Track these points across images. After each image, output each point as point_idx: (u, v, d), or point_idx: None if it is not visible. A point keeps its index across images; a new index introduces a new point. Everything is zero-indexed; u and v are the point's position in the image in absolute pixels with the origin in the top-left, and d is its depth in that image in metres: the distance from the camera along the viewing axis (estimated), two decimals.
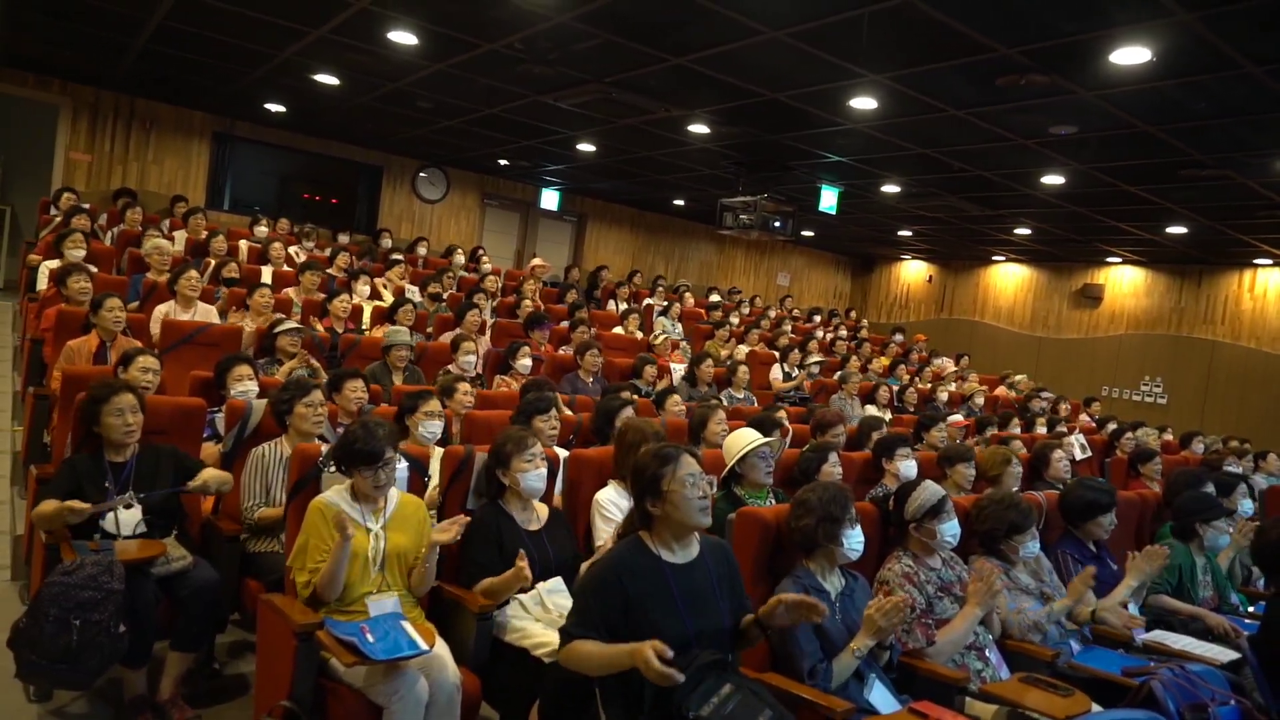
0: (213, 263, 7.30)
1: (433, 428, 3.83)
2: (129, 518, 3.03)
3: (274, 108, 9.81)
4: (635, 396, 5.10)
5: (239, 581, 3.32)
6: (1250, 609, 4.11)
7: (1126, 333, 13.21)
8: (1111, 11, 4.60)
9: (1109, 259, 13.19)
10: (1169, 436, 8.63)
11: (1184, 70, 5.25)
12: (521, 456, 3.04)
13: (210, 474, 3.25)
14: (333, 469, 2.95)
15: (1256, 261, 11.77)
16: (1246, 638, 3.18)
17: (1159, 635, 3.44)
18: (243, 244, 8.54)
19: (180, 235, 8.27)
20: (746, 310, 11.78)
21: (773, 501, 3.75)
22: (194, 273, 5.90)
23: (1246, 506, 4.68)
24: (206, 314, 5.94)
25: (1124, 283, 13.32)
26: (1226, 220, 9.36)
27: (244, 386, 4.21)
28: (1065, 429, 7.65)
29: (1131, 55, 5.08)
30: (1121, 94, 5.78)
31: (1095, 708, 2.58)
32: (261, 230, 9.22)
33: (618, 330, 8.51)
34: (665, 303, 10.06)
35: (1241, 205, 8.54)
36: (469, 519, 2.83)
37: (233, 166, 11.23)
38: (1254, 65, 5.01)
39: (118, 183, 10.11)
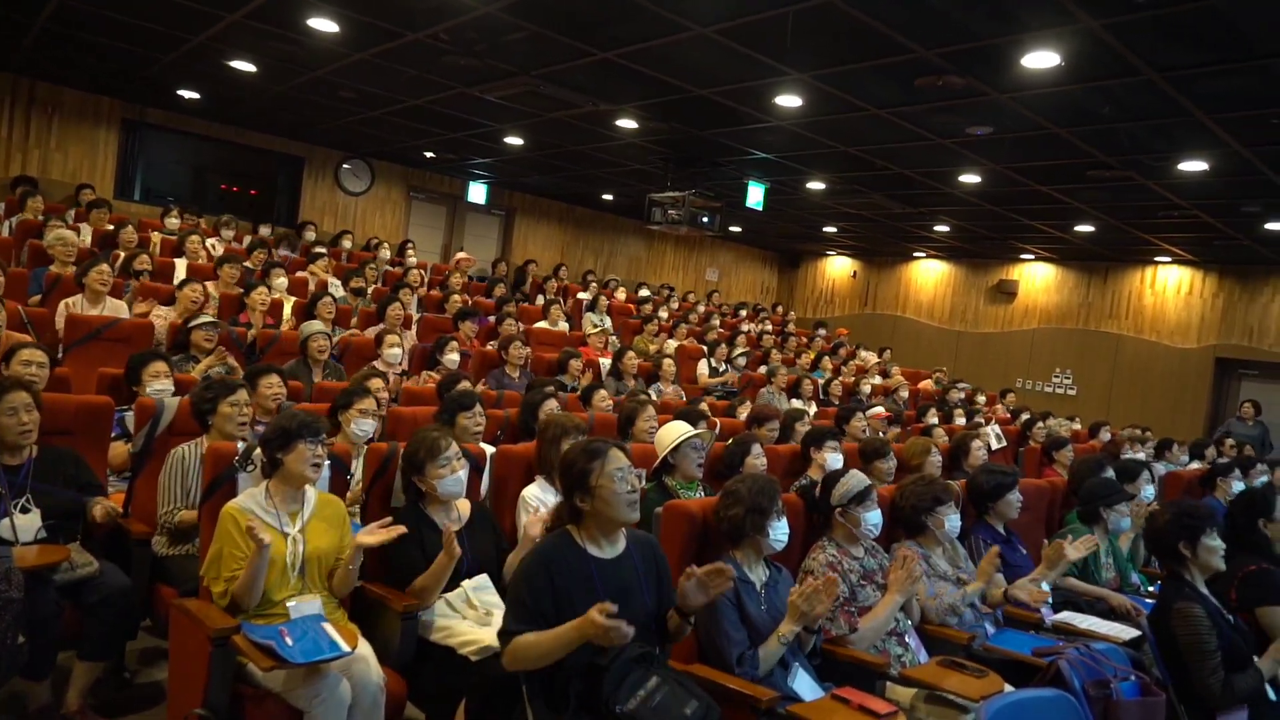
0: (122, 255, 6.99)
1: (365, 426, 3.70)
2: (27, 523, 2.89)
3: (187, 95, 9.44)
4: (561, 391, 5.08)
5: (150, 586, 3.19)
6: (1150, 588, 4.32)
7: (1039, 327, 13.73)
8: (1023, 17, 4.77)
9: (1023, 256, 13.69)
10: (1077, 426, 9.01)
11: (1090, 75, 5.48)
12: (435, 463, 2.94)
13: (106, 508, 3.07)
14: (251, 469, 2.87)
15: (1157, 259, 12.38)
16: (1146, 616, 3.34)
17: (1067, 616, 3.60)
18: (155, 236, 8.21)
19: (86, 226, 7.90)
20: (675, 305, 11.85)
21: (702, 494, 3.80)
22: (105, 266, 5.64)
23: (1148, 492, 4.91)
24: (115, 309, 5.68)
25: (1036, 279, 13.84)
26: (1130, 220, 9.81)
27: (159, 384, 4.03)
28: (982, 420, 7.93)
29: (1042, 59, 5.27)
30: (1033, 96, 6.00)
31: (1008, 687, 2.68)
32: (173, 222, 8.88)
33: (542, 324, 8.47)
34: (592, 296, 10.06)
35: (1143, 205, 8.96)
36: (402, 527, 2.73)
37: (144, 155, 10.76)
38: (1154, 72, 5.25)
39: (16, 170, 9.58)
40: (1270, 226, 9.21)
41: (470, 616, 2.85)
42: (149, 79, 8.83)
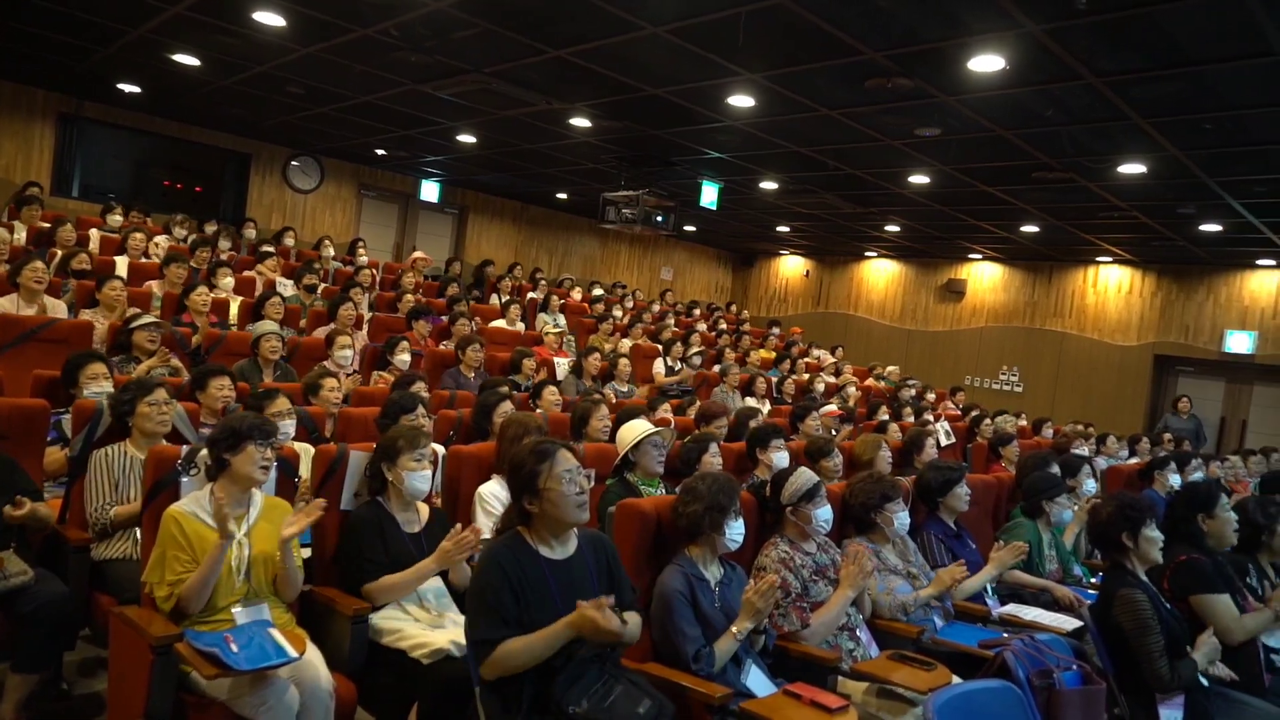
0: (59, 254, 6.78)
1: (284, 427, 3.69)
2: None
3: (128, 88, 9.18)
4: (515, 391, 5.06)
5: (89, 594, 3.10)
6: (1092, 580, 4.44)
7: (986, 325, 14.03)
8: (969, 20, 4.86)
9: (970, 255, 13.97)
10: (1023, 422, 9.22)
11: (1033, 79, 5.60)
12: (411, 454, 2.96)
13: (39, 510, 2.98)
14: (194, 472, 2.80)
15: (1099, 259, 12.73)
16: (1088, 607, 3.43)
17: (1012, 608, 3.69)
18: (94, 233, 7.98)
19: (20, 223, 7.64)
20: (630, 304, 11.87)
21: (662, 491, 3.82)
22: (39, 263, 5.46)
23: (1090, 486, 5.05)
24: (53, 309, 5.51)
25: (984, 278, 14.14)
26: (1072, 220, 10.07)
27: (99, 386, 3.92)
28: (931, 417, 8.06)
29: (987, 63, 5.38)
30: (979, 99, 6.12)
31: (955, 679, 2.73)
32: (115, 219, 8.63)
33: (499, 324, 8.42)
34: (542, 296, 10.02)
35: (1084, 207, 9.20)
36: (323, 500, 2.72)
37: (82, 150, 10.42)
38: (1094, 76, 5.39)
39: None
40: (1204, 228, 9.52)
41: (422, 619, 2.82)
42: (87, 72, 8.57)
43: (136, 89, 9.18)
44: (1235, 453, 8.75)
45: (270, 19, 6.20)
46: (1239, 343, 11.59)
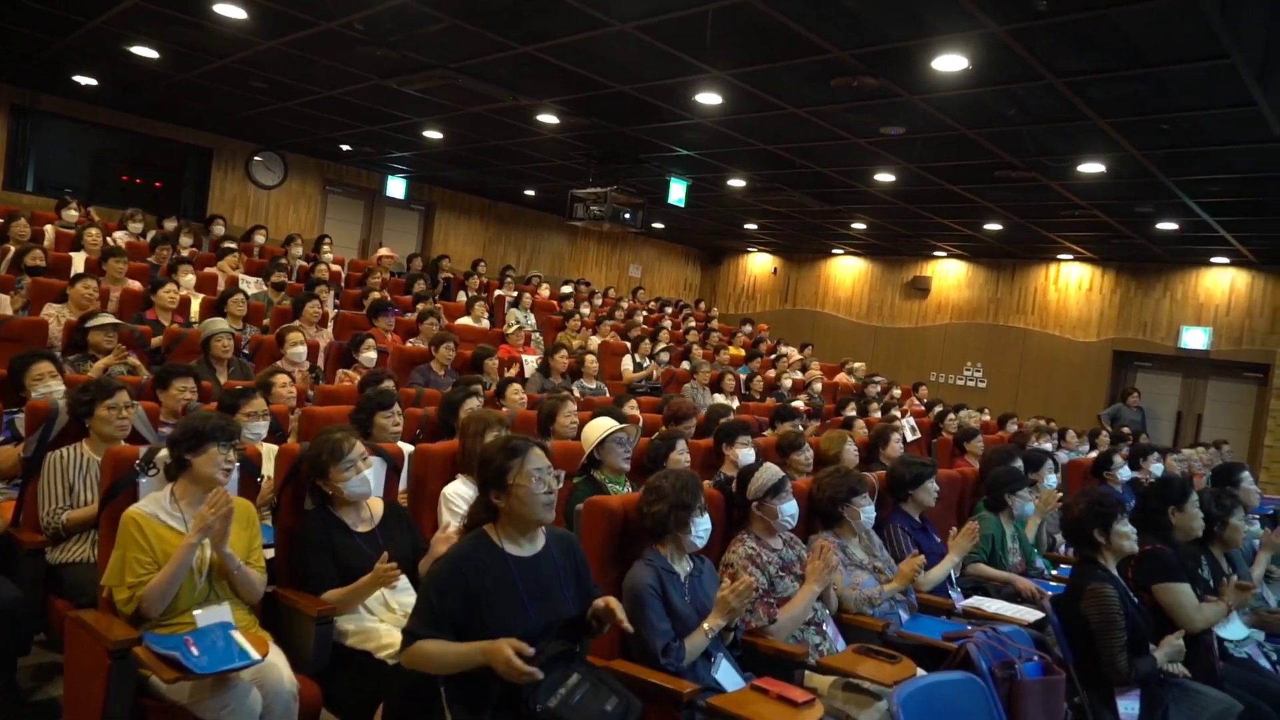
0: (12, 249, 6.62)
1: (257, 428, 3.65)
2: None
3: (84, 81, 8.97)
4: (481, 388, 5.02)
5: (44, 598, 3.03)
6: (1054, 572, 4.52)
7: (951, 322, 14.20)
8: (933, 20, 4.91)
9: (935, 253, 14.13)
10: (987, 417, 9.35)
11: (996, 79, 5.68)
12: (339, 466, 2.85)
13: None
14: (153, 473, 2.74)
15: (1060, 257, 12.94)
16: (1049, 599, 3.49)
17: (976, 601, 3.75)
18: (49, 229, 7.80)
19: None
20: (599, 301, 11.85)
21: (629, 488, 3.82)
22: None
23: (1051, 480, 5.14)
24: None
25: (949, 275, 14.31)
26: (1035, 219, 10.23)
27: (46, 386, 3.81)
28: (897, 413, 8.15)
29: (951, 63, 5.44)
30: (943, 98, 6.18)
31: (920, 671, 2.77)
32: (71, 214, 8.44)
33: (465, 321, 8.36)
34: (515, 293, 9.97)
35: (1046, 205, 9.35)
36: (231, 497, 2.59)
37: (36, 144, 10.16)
38: (1054, 77, 5.48)
39: None
40: (1161, 226, 9.71)
41: (387, 619, 2.80)
42: (42, 63, 8.36)
43: (94, 81, 8.98)
44: (1190, 446, 8.95)
45: (231, 11, 6.09)
46: (1194, 339, 11.85)
